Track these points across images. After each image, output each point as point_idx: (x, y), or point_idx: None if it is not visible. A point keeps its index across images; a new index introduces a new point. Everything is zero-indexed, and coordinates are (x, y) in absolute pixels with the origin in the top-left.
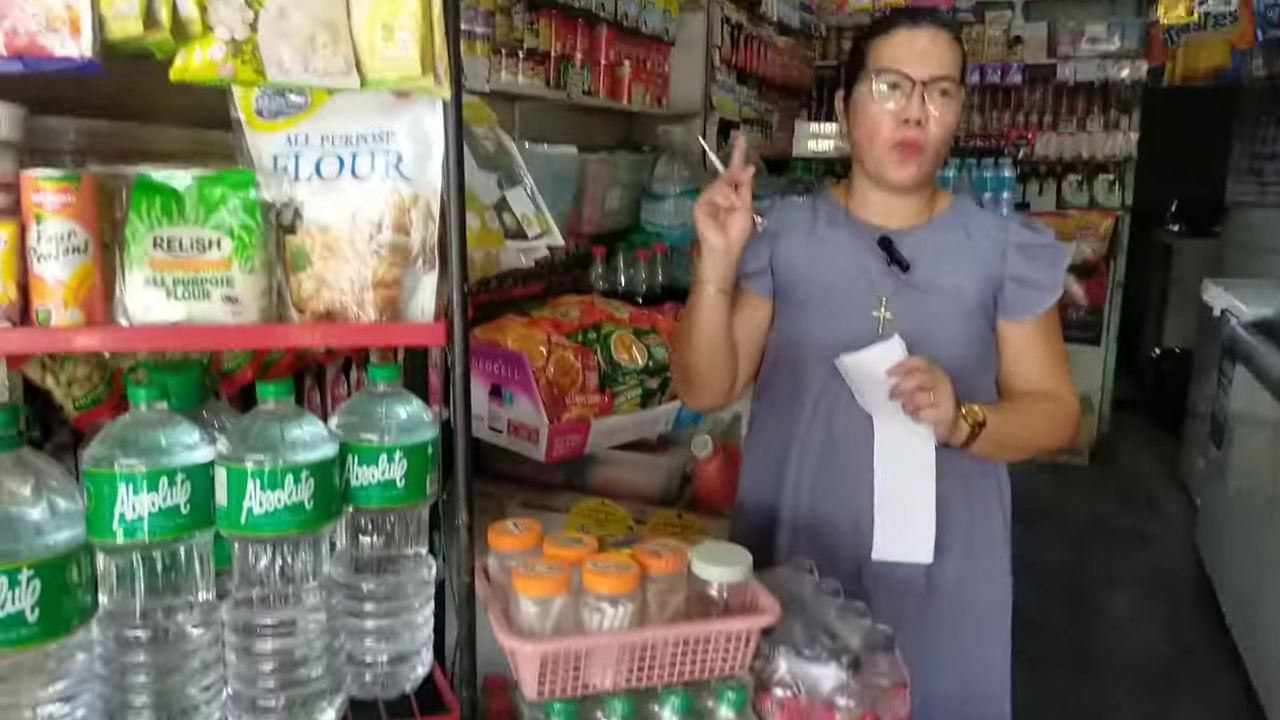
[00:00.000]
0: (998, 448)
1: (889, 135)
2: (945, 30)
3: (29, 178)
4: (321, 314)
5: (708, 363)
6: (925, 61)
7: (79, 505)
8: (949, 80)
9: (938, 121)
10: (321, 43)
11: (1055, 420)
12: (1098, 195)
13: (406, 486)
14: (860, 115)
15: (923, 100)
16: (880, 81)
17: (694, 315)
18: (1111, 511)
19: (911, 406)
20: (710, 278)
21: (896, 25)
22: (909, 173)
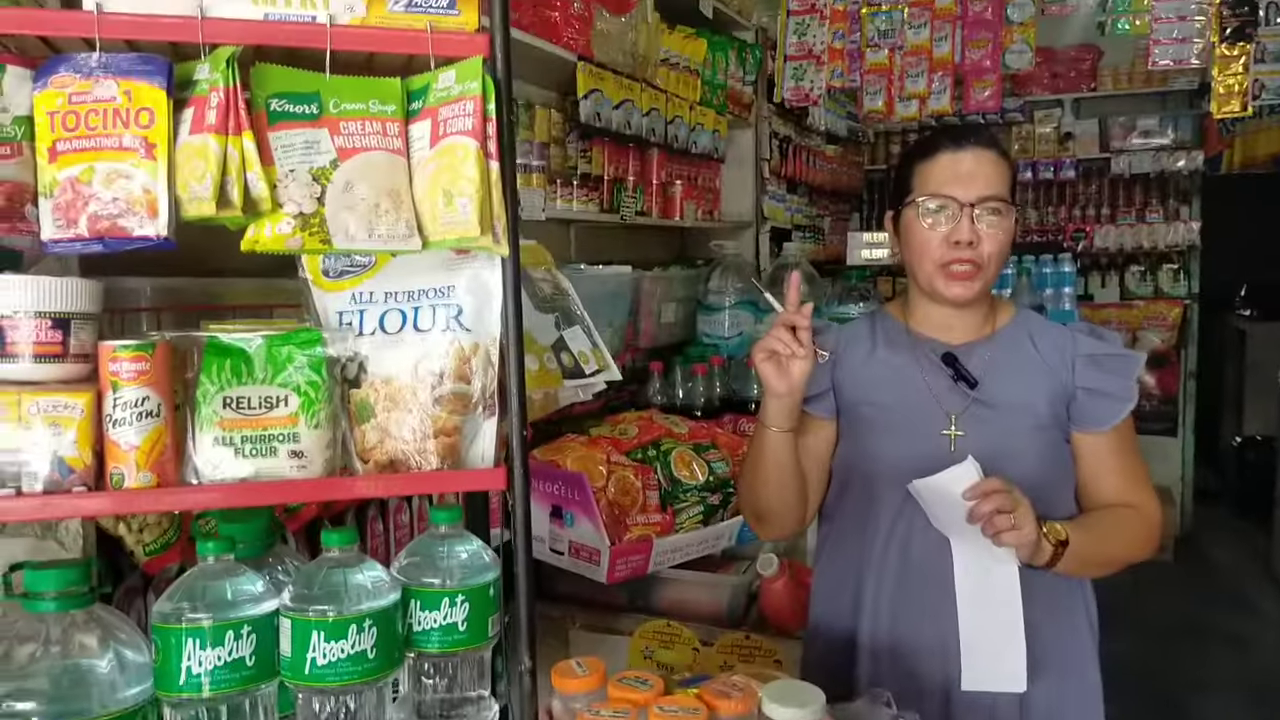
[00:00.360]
0: (1082, 565)
1: (939, 256)
2: (989, 149)
3: (106, 348)
4: (385, 464)
5: (779, 498)
6: (971, 183)
7: (147, 658)
8: (997, 200)
9: (990, 239)
10: (384, 210)
11: (1139, 532)
12: (1163, 285)
13: (469, 630)
14: (910, 237)
15: (972, 221)
16: (927, 206)
17: (760, 456)
18: (1200, 611)
19: (991, 530)
20: (774, 421)
21: (940, 148)
22: (963, 291)
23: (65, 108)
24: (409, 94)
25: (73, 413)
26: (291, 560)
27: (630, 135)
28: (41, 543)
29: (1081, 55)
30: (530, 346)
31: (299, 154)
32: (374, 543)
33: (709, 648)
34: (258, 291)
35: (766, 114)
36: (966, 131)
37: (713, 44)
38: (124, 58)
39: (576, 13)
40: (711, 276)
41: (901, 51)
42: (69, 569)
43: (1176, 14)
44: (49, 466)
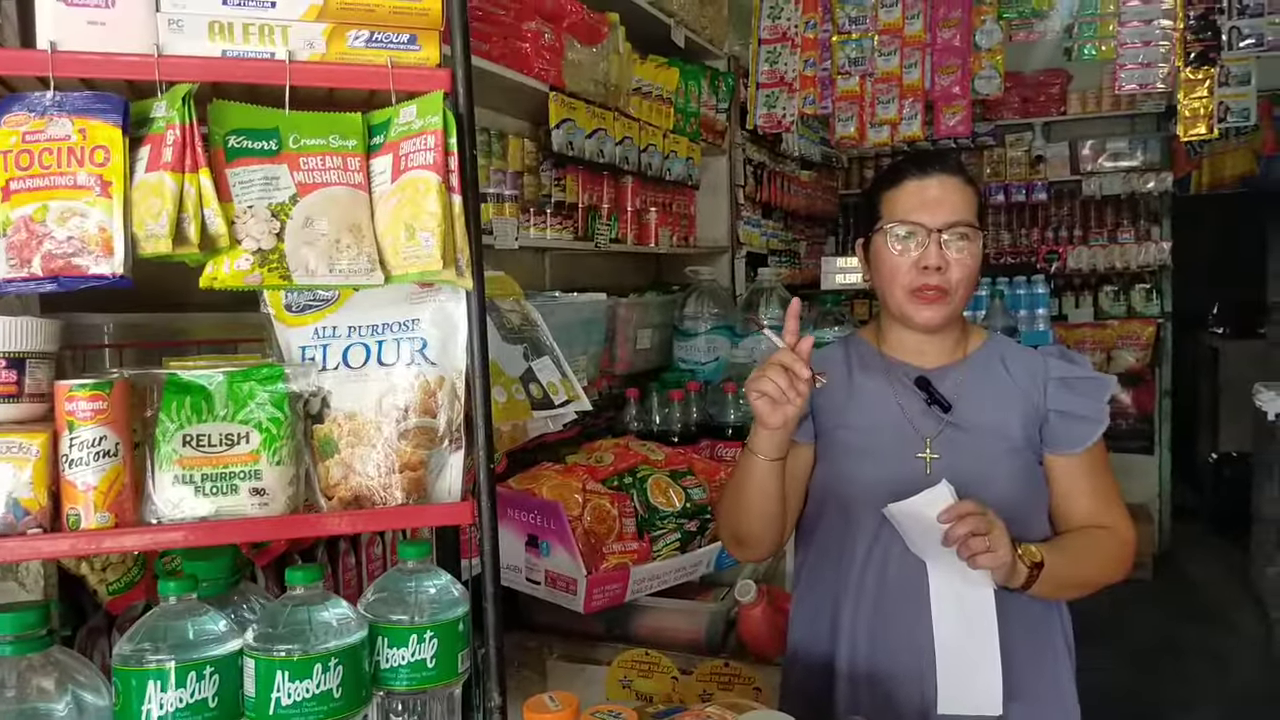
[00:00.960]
0: (1058, 587)
1: (908, 282)
2: (955, 175)
3: (63, 387)
4: (349, 499)
5: (761, 523)
6: (938, 209)
7: (108, 701)
8: (964, 225)
9: (958, 264)
10: (345, 245)
11: (1113, 553)
12: (1135, 304)
13: (438, 666)
14: (879, 263)
15: (940, 246)
16: (895, 233)
17: (746, 482)
18: (1180, 628)
19: (966, 553)
20: (764, 450)
21: (905, 176)
22: (932, 315)
23: (19, 146)
24: (370, 129)
25: (27, 454)
26: (257, 598)
27: (604, 164)
28: (1, 584)
29: (1050, 80)
30: (498, 378)
31: (258, 190)
32: (346, 576)
33: (688, 676)
34: (222, 326)
35: (740, 140)
36: (932, 158)
37: (685, 73)
38: (79, 96)
39: (547, 43)
40: (687, 302)
41: (872, 78)
42: (25, 612)
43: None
44: (3, 508)
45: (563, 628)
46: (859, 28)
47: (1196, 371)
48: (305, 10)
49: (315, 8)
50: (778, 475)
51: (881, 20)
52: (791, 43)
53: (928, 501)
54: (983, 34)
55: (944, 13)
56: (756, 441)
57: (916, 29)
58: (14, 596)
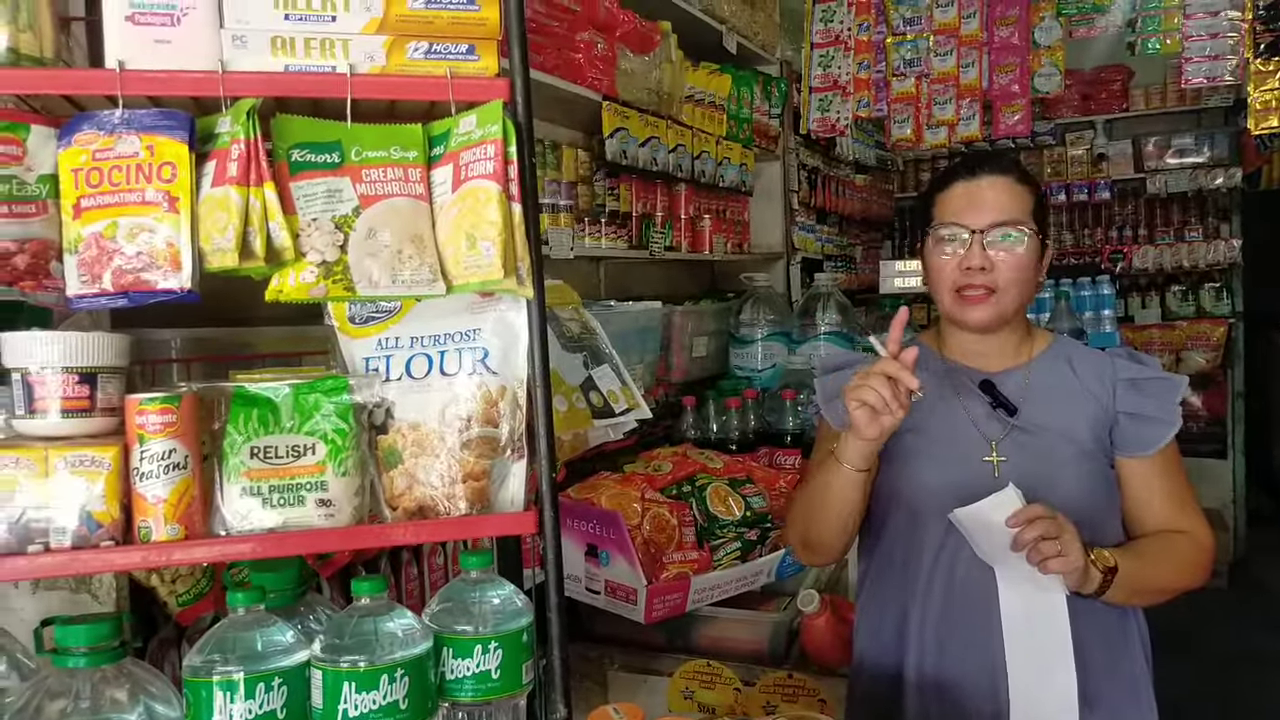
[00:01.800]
0: (1133, 593)
1: (952, 282)
2: (1006, 175)
3: (133, 401)
4: (413, 510)
5: (836, 532)
6: (982, 210)
7: (179, 712)
8: (1009, 224)
9: (1004, 264)
10: (408, 256)
11: (1190, 558)
12: (1205, 304)
13: (502, 677)
14: (928, 265)
15: (982, 248)
16: (938, 235)
17: (828, 491)
18: (1258, 638)
19: (1036, 557)
20: (854, 461)
21: (955, 178)
22: (979, 316)
23: (89, 164)
24: (430, 139)
25: (100, 467)
26: (324, 609)
27: (657, 171)
28: (75, 596)
29: (1111, 76)
30: (558, 387)
31: (321, 203)
32: (409, 587)
33: (751, 688)
34: (287, 339)
35: (794, 146)
36: (983, 160)
37: (737, 79)
38: (146, 113)
39: (600, 54)
40: (743, 309)
41: (928, 79)
42: (99, 624)
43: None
44: (77, 521)
45: (623, 638)
46: (914, 28)
47: (1269, 372)
48: (365, 24)
49: (375, 21)
50: (862, 486)
51: (937, 20)
52: (844, 45)
53: (995, 505)
54: (1041, 31)
55: (1001, 10)
56: (847, 452)
57: (973, 28)
58: (87, 608)
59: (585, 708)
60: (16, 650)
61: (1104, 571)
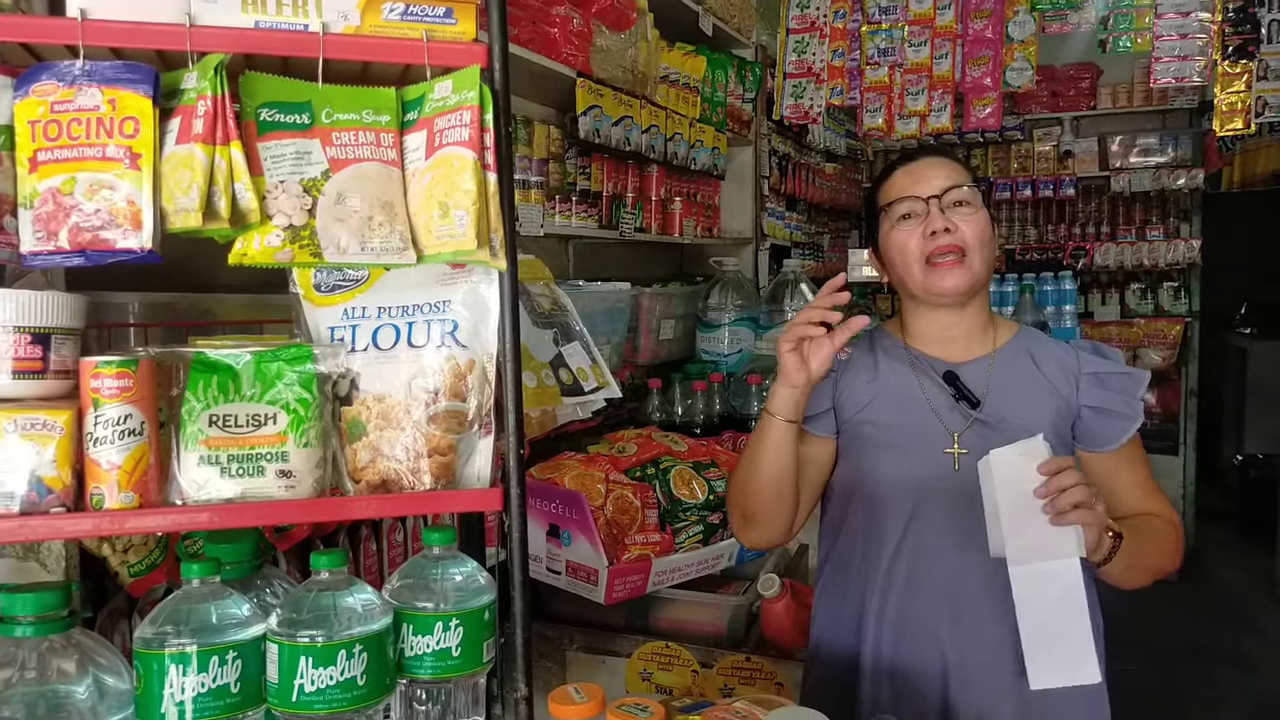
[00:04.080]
0: (1129, 567)
1: (920, 251)
2: (943, 156)
3: (88, 364)
4: (377, 484)
5: (773, 497)
6: (929, 181)
7: (129, 684)
8: (959, 187)
9: (966, 224)
10: (378, 223)
11: (1171, 540)
12: (1163, 302)
13: (463, 655)
14: (889, 250)
15: (940, 212)
16: (894, 211)
17: (761, 447)
18: (1206, 632)
19: (1069, 503)
20: (782, 409)
21: (894, 169)
22: (953, 281)
23: (47, 116)
24: (404, 104)
25: (52, 431)
26: (281, 582)
27: (629, 152)
28: (23, 564)
29: (1080, 74)
30: (528, 363)
31: (289, 165)
32: (368, 562)
33: (709, 670)
34: (248, 307)
35: (766, 131)
36: (917, 149)
37: (712, 61)
38: (109, 66)
39: (576, 29)
40: (711, 293)
41: (902, 69)
42: (46, 592)
43: (1178, 32)
44: (26, 486)
45: (582, 618)
46: (889, 18)
47: (1223, 372)
48: None
49: None
50: (792, 441)
51: (912, 10)
52: (820, 32)
53: (1025, 451)
54: (1015, 25)
55: (976, 3)
56: (775, 401)
57: (948, 19)
58: (35, 576)
59: (543, 688)
60: None
61: (1113, 536)
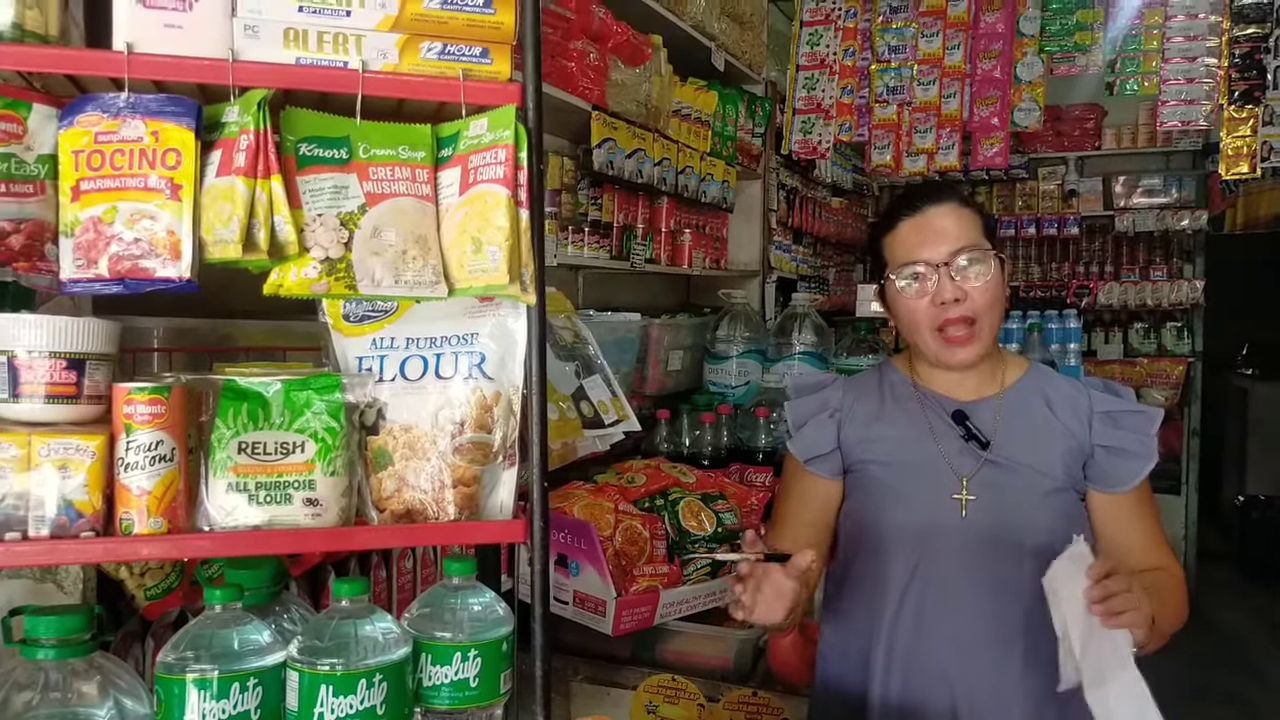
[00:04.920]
0: (1156, 639)
1: (931, 319)
2: (948, 201)
3: (121, 390)
4: (401, 513)
5: None
6: (938, 242)
7: (148, 709)
8: (971, 249)
9: (976, 291)
10: (412, 256)
11: (1180, 596)
12: (1166, 342)
13: (480, 686)
14: (897, 310)
15: (951, 278)
16: (902, 277)
17: None
18: (1207, 674)
19: (1113, 610)
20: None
21: (898, 218)
22: (964, 355)
23: (90, 146)
24: (439, 141)
25: (84, 455)
26: (298, 608)
27: (641, 184)
28: (40, 585)
29: (1085, 114)
30: (551, 395)
31: (327, 198)
32: (377, 589)
33: (715, 704)
34: (270, 334)
35: (774, 165)
36: (921, 193)
37: (723, 96)
38: (152, 98)
39: (592, 63)
40: (720, 325)
41: (910, 107)
42: (70, 616)
43: (1185, 76)
44: (56, 510)
45: (587, 649)
46: (899, 56)
47: (1225, 412)
48: (380, 20)
49: (390, 18)
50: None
51: (921, 50)
52: (830, 69)
53: (1073, 557)
54: (1024, 66)
55: (985, 44)
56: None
57: (957, 59)
58: (51, 599)
59: None
60: None
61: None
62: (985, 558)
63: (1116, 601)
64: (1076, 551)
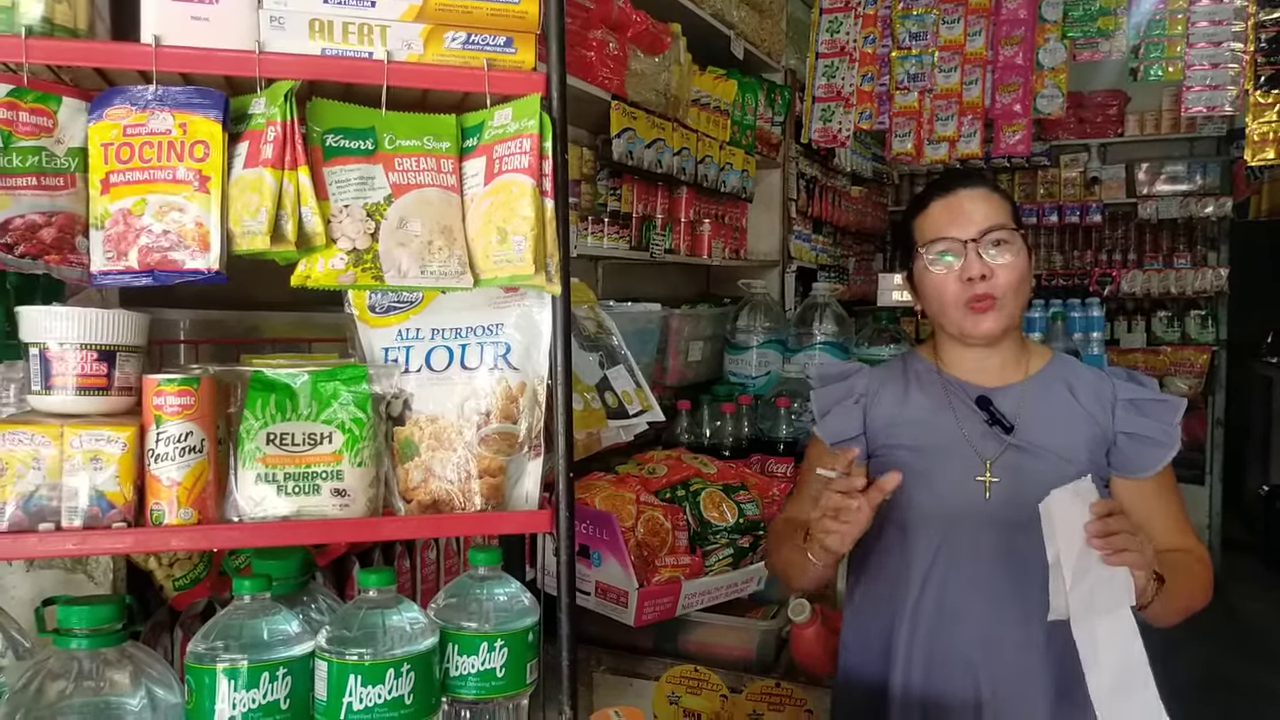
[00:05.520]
0: (1165, 609)
1: (956, 296)
2: (980, 186)
3: (151, 382)
4: (428, 504)
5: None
6: (969, 221)
7: (179, 698)
8: (999, 229)
9: (1003, 270)
10: (438, 247)
11: (1201, 578)
12: (1190, 330)
13: (506, 676)
14: (924, 287)
15: (978, 256)
16: (931, 252)
17: (801, 571)
18: (1230, 665)
19: (1113, 548)
20: (824, 559)
21: (931, 199)
22: (987, 325)
23: (120, 139)
24: (463, 131)
25: (115, 447)
26: (325, 598)
27: (660, 174)
28: (71, 575)
29: (1108, 101)
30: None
31: (354, 189)
32: (401, 580)
33: (738, 695)
34: (295, 325)
35: (794, 154)
36: (954, 177)
37: (743, 85)
38: (180, 91)
39: (612, 53)
40: (739, 315)
41: (931, 94)
42: (102, 606)
43: (1210, 61)
44: (89, 501)
45: (609, 640)
46: (919, 43)
47: (1250, 401)
48: (404, 10)
49: (414, 8)
50: (833, 568)
51: (943, 36)
52: (849, 57)
53: (1077, 492)
54: (1046, 52)
55: (1007, 30)
56: (816, 549)
57: (978, 46)
58: (82, 589)
59: None
60: (12, 629)
61: (1157, 579)
62: (1008, 540)
63: (1118, 539)
64: (1082, 486)
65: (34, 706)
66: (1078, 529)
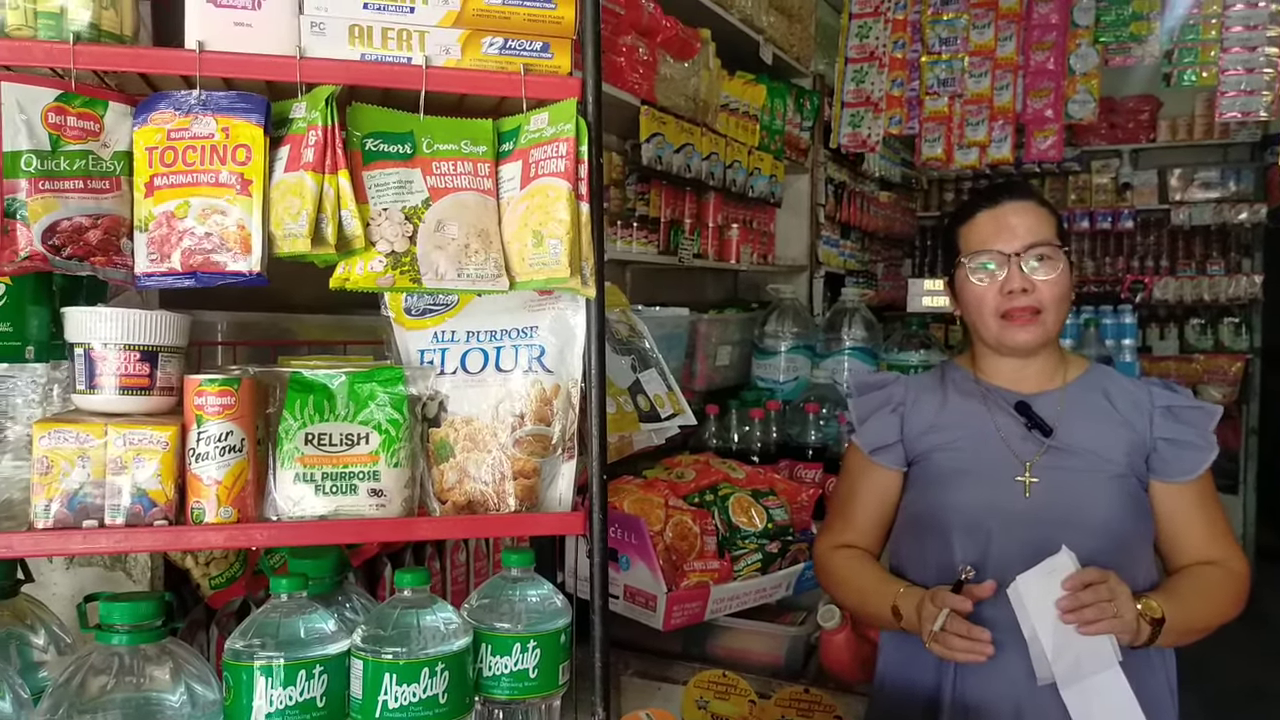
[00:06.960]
0: (1179, 636)
1: (996, 307)
2: (1027, 200)
3: (192, 382)
4: (462, 504)
5: None
6: (1013, 235)
7: (217, 694)
8: (1043, 245)
9: (1044, 285)
10: (474, 250)
11: (1230, 592)
12: (1224, 338)
13: (539, 676)
14: (965, 296)
15: (1020, 270)
16: (974, 263)
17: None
18: (1264, 674)
19: (1084, 622)
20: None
21: (977, 209)
22: (1028, 337)
23: (164, 143)
24: (500, 135)
25: (157, 446)
26: (359, 597)
27: (689, 179)
28: (110, 573)
29: (1140, 106)
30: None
31: (392, 193)
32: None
33: (766, 700)
34: (330, 328)
35: (822, 159)
36: (1001, 188)
37: (771, 90)
38: (223, 95)
39: (642, 58)
40: (768, 320)
41: (961, 99)
42: (143, 602)
43: (1244, 66)
44: (131, 499)
45: (637, 644)
46: (949, 48)
47: None
48: (443, 16)
49: (453, 14)
50: None
51: (973, 41)
52: (879, 62)
53: (1051, 569)
54: (1077, 58)
55: (1038, 35)
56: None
57: (1009, 51)
58: (121, 586)
59: None
60: (53, 625)
61: (1152, 624)
62: (1049, 538)
63: (1088, 612)
64: (1056, 563)
65: (76, 700)
66: (1050, 606)
